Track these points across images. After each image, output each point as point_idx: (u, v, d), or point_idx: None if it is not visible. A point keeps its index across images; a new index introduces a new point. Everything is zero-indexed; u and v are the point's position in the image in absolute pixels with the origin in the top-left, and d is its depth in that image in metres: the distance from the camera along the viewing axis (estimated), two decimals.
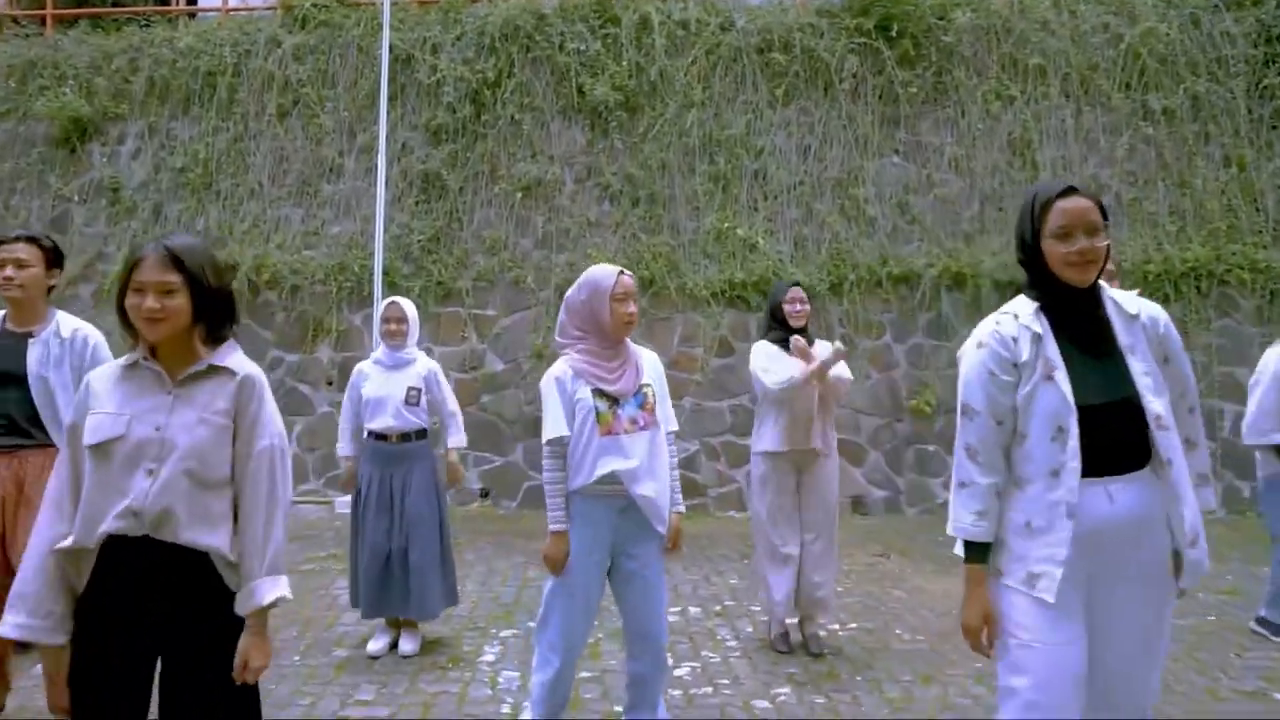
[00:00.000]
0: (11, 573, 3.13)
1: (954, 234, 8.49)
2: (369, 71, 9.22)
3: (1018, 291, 2.22)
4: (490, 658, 4.09)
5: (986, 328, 2.12)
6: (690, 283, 8.28)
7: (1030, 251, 2.09)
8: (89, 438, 1.94)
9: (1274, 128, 8.74)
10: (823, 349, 4.12)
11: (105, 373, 2.05)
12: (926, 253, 8.40)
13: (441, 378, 4.36)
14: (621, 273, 2.98)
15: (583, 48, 8.95)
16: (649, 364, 3.06)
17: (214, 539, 1.96)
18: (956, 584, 5.47)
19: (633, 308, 2.96)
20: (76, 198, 9.25)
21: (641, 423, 2.91)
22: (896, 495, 7.88)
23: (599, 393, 2.88)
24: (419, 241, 8.60)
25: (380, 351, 4.28)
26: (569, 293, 3.05)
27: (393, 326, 4.22)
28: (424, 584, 4.09)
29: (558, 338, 3.09)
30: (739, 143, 8.74)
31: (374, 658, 4.05)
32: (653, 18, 9.00)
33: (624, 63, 8.86)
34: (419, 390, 4.20)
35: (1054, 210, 2.02)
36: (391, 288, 8.39)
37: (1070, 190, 2.04)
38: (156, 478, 1.92)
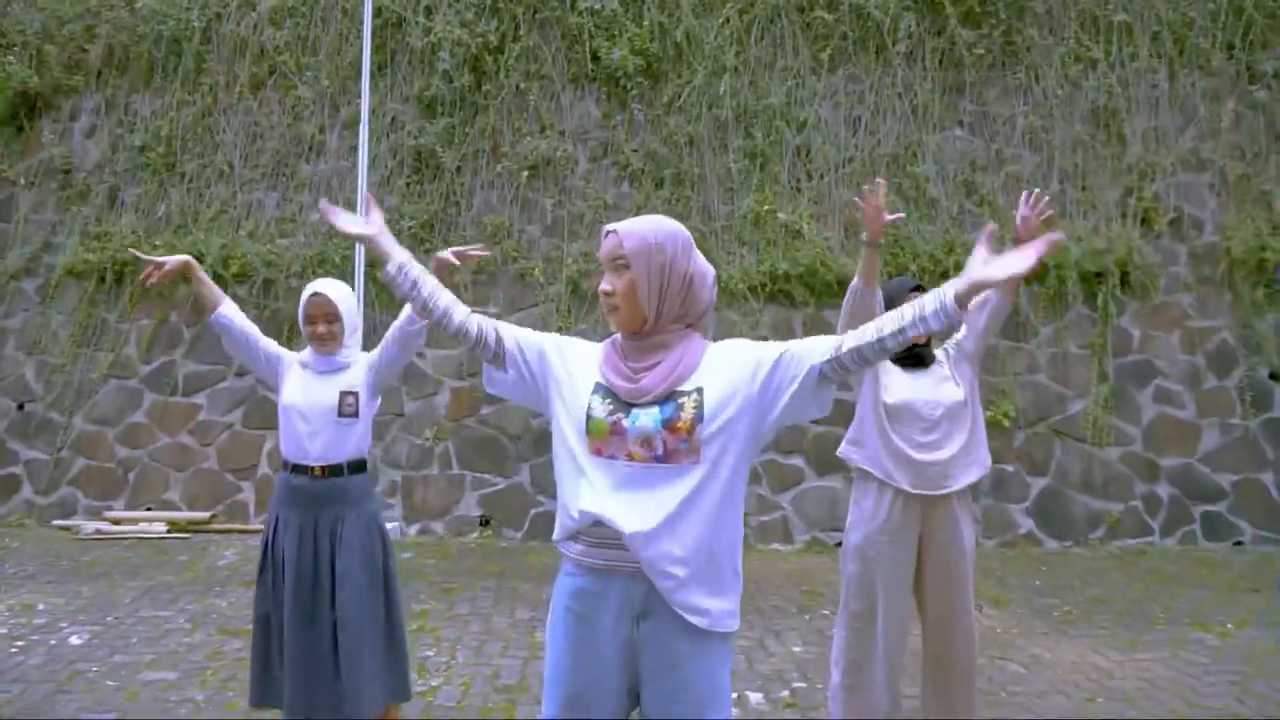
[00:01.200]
0: None
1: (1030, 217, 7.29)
2: (354, 37, 8.07)
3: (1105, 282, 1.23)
4: None
5: None
6: (725, 274, 7.11)
7: None
8: None
9: None
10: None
11: None
12: (999, 239, 7.19)
13: (378, 359, 3.04)
14: (608, 232, 1.86)
15: (598, 7, 7.77)
16: (729, 361, 1.82)
17: None
18: (1085, 651, 4.28)
19: (606, 284, 1.83)
20: (23, 180, 8.13)
21: (660, 451, 1.73)
22: (974, 525, 6.68)
23: (603, 389, 1.80)
24: (410, 228, 7.45)
25: (307, 354, 3.03)
26: None
27: (320, 329, 2.93)
28: (358, 676, 2.87)
29: None
30: (779, 114, 7.57)
31: None
32: None
33: (645, 23, 7.69)
34: (356, 396, 2.97)
35: None
36: (378, 281, 7.25)
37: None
38: None
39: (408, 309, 2.94)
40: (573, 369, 1.86)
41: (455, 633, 4.46)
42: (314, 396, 2.94)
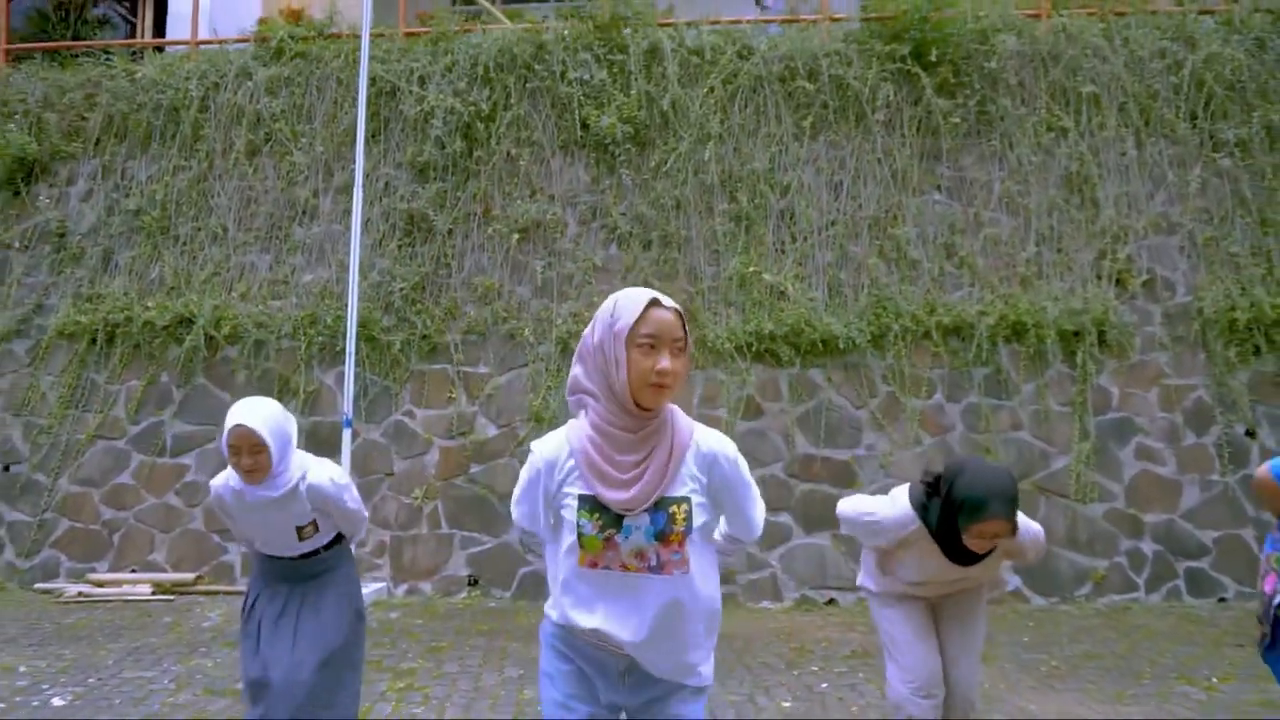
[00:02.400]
0: None
1: (1009, 278, 7.49)
2: (349, 105, 8.29)
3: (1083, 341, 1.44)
4: None
5: None
6: (711, 335, 7.24)
7: None
8: None
9: None
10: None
11: None
12: (979, 300, 7.38)
13: (332, 488, 2.94)
14: (654, 301, 1.90)
15: (587, 77, 8.05)
16: (699, 454, 1.91)
17: None
18: (1070, 705, 4.30)
19: (667, 362, 1.85)
20: (17, 244, 8.23)
21: (653, 561, 1.80)
22: None
23: (591, 502, 1.80)
24: (401, 290, 7.57)
25: (235, 480, 2.89)
26: (590, 325, 1.99)
27: (246, 461, 2.77)
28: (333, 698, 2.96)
29: (568, 394, 2.02)
30: (762, 179, 7.79)
31: None
32: (664, 45, 8.12)
33: (633, 93, 7.96)
34: (313, 524, 2.98)
35: None
36: (369, 342, 7.36)
37: None
38: None
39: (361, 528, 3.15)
40: (550, 484, 1.86)
41: (444, 690, 4.43)
42: (268, 533, 2.96)
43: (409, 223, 7.88)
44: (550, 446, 1.89)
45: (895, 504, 2.89)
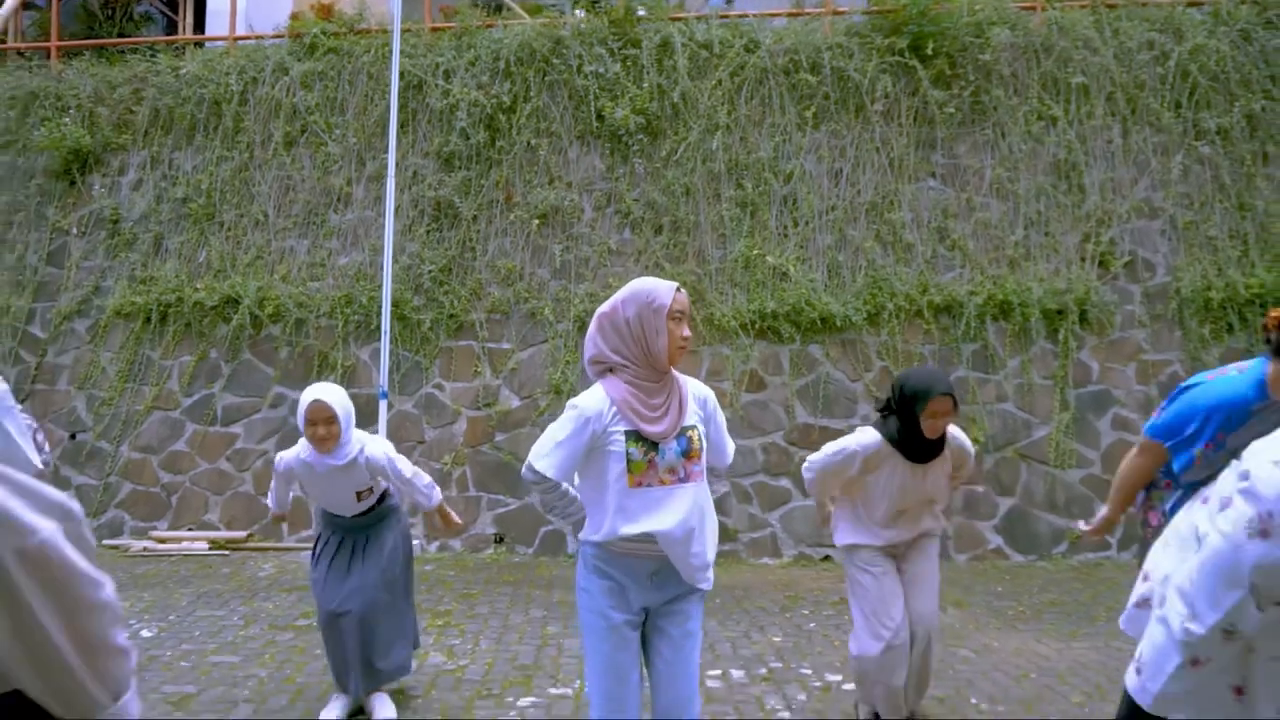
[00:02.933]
0: None
1: (998, 260, 7.98)
2: (379, 98, 8.86)
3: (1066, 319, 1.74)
4: None
5: None
6: (718, 313, 7.79)
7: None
8: None
9: None
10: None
11: None
12: (969, 280, 7.88)
13: (386, 460, 3.53)
14: (678, 288, 2.51)
15: (602, 70, 8.56)
16: (695, 397, 2.55)
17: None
18: (1028, 641, 4.87)
19: (688, 331, 2.50)
20: (75, 230, 8.88)
21: (682, 474, 2.41)
22: (944, 540, 7.26)
23: (634, 435, 2.38)
24: (430, 272, 8.16)
25: (306, 453, 3.52)
26: (607, 309, 2.54)
27: (320, 431, 3.39)
28: (388, 642, 3.61)
29: (588, 364, 2.59)
30: (767, 167, 8.30)
31: None
32: (674, 39, 8.62)
33: (645, 85, 8.47)
34: (369, 489, 3.62)
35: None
36: (401, 320, 7.95)
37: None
38: None
39: (435, 492, 3.68)
40: (599, 427, 2.41)
41: (477, 627, 5.06)
42: (331, 491, 3.57)
43: (436, 209, 8.45)
44: (594, 400, 2.43)
45: (860, 433, 3.43)
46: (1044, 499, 7.36)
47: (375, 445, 3.56)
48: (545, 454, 2.41)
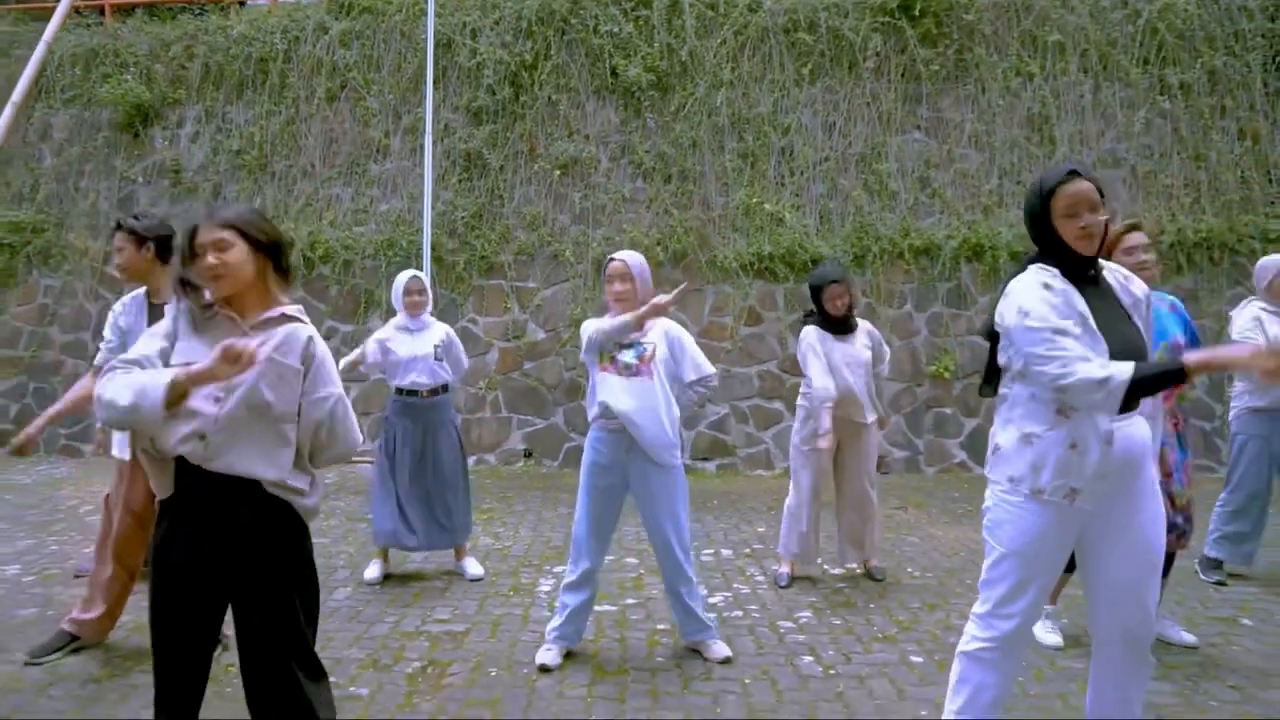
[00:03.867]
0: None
1: (973, 207, 8.84)
2: (412, 56, 9.68)
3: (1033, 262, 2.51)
4: (546, 588, 4.62)
5: (1035, 281, 2.40)
6: (720, 255, 8.71)
7: (1044, 228, 2.45)
8: (177, 358, 2.14)
9: None
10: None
11: (185, 316, 2.23)
12: (946, 225, 8.76)
13: (454, 337, 4.88)
14: (612, 258, 3.60)
15: (616, 30, 9.34)
16: (661, 329, 3.60)
17: (267, 470, 2.15)
18: (966, 532, 5.93)
19: (618, 286, 3.55)
20: (141, 179, 9.84)
21: (635, 370, 3.49)
22: (916, 455, 8.32)
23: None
24: (463, 218, 9.09)
25: (401, 318, 4.75)
26: None
27: (416, 298, 4.72)
28: (461, 512, 4.78)
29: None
30: (766, 121, 9.12)
31: (371, 584, 4.68)
32: (683, 0, 9.36)
33: (655, 44, 9.25)
34: (441, 347, 4.76)
35: (1060, 193, 2.40)
36: (438, 262, 8.91)
37: (1073, 174, 2.40)
38: (223, 406, 2.11)
39: (461, 371, 4.98)
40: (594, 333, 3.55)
41: (516, 519, 6.17)
42: (417, 349, 4.68)
43: (467, 160, 9.34)
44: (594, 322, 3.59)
45: (801, 338, 4.59)
46: None
47: (446, 326, 4.91)
48: (589, 340, 3.59)
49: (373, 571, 4.73)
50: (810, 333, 4.58)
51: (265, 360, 2.12)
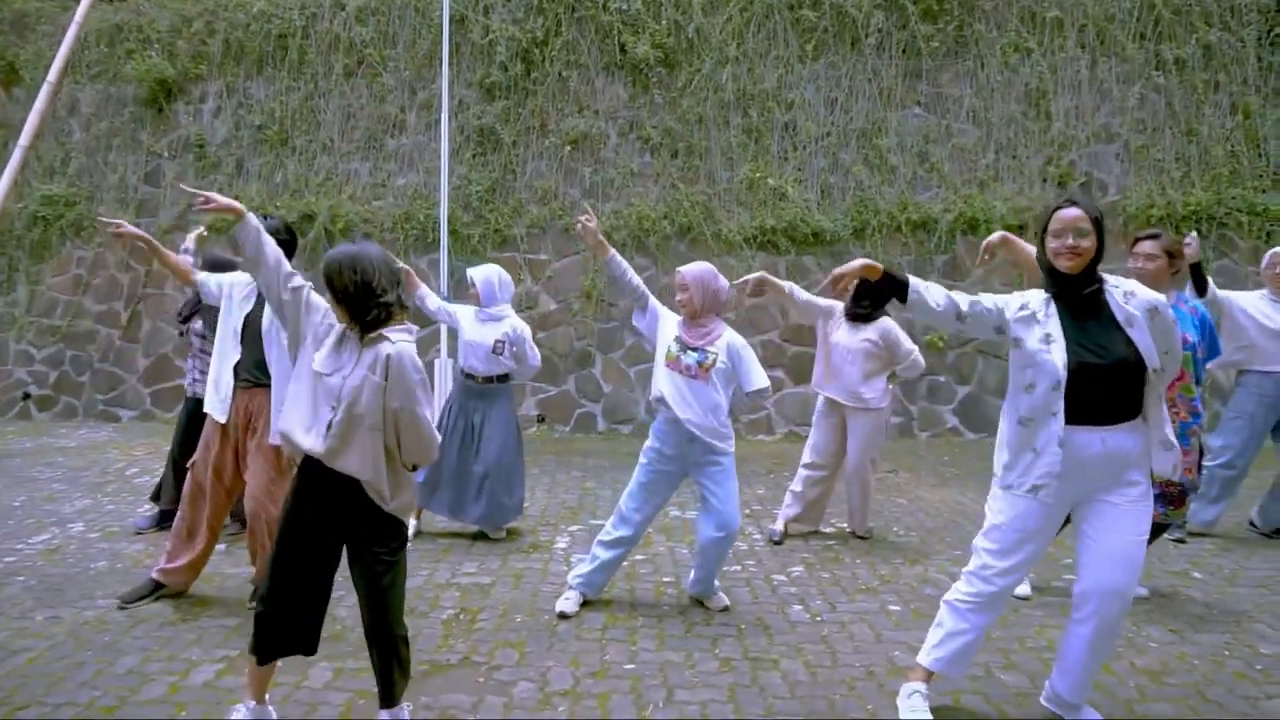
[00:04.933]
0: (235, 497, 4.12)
1: (970, 181, 9.15)
2: (426, 32, 9.96)
3: (1024, 234, 2.99)
4: (563, 545, 5.07)
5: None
6: (725, 229, 9.06)
7: (1040, 250, 2.84)
8: (318, 365, 2.68)
9: None
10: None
11: (335, 329, 2.72)
12: (943, 199, 9.08)
13: (526, 335, 5.02)
14: (679, 270, 3.90)
15: (624, 7, 9.58)
16: (725, 340, 3.89)
17: (361, 470, 2.59)
18: (952, 494, 6.37)
19: (680, 295, 3.88)
20: (166, 154, 10.19)
21: (694, 373, 3.81)
22: (910, 421, 8.73)
23: (678, 338, 3.87)
24: (477, 192, 9.44)
25: (476, 308, 5.04)
26: None
27: (472, 290, 5.00)
28: (496, 502, 5.03)
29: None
30: (770, 96, 9.41)
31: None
32: None
33: (663, 21, 9.51)
34: (504, 343, 4.99)
35: (1055, 218, 2.78)
36: (453, 235, 9.28)
37: (1070, 202, 2.79)
38: (335, 414, 2.58)
39: (537, 361, 5.17)
40: (665, 326, 3.92)
41: (532, 482, 6.62)
42: (480, 337, 4.98)
43: (480, 135, 9.66)
44: (671, 317, 3.99)
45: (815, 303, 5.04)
46: (995, 386, 8.76)
47: (520, 322, 5.08)
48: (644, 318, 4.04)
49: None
50: (837, 306, 5.11)
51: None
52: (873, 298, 2.93)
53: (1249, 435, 5.19)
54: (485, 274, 5.06)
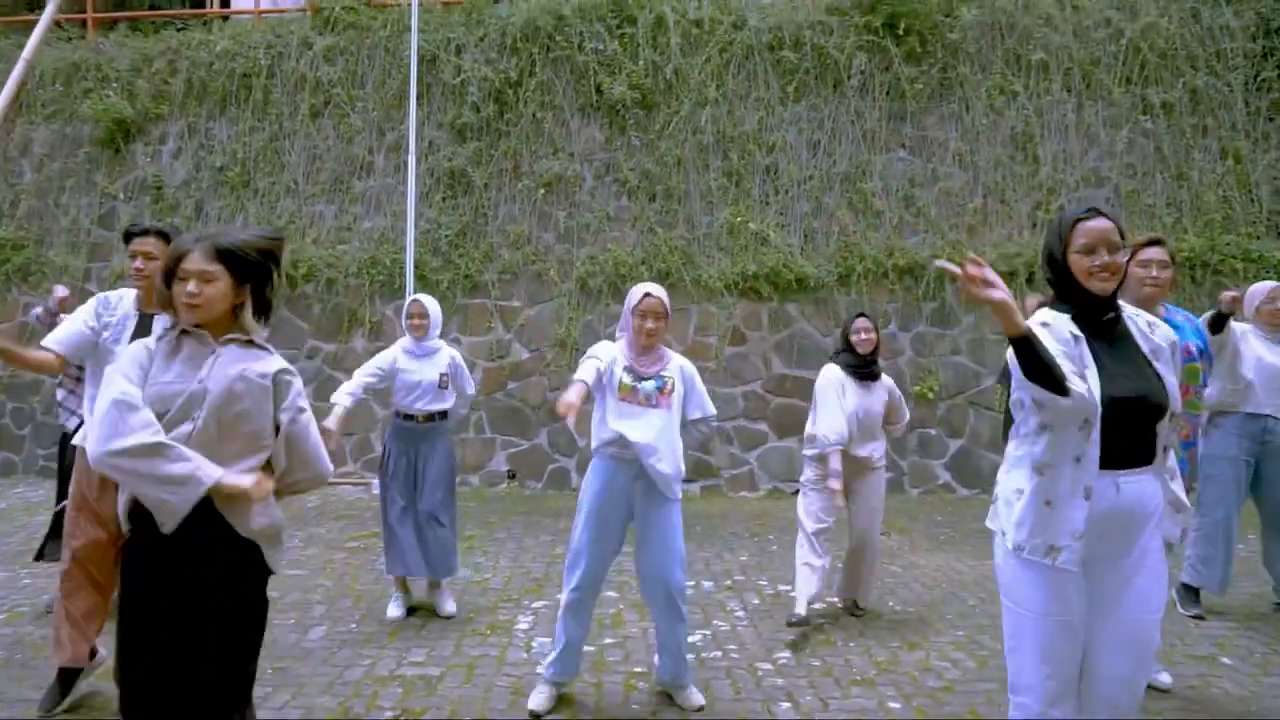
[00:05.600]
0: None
1: (957, 226, 8.85)
2: (396, 72, 9.64)
3: (1015, 281, 2.40)
4: (524, 626, 4.58)
5: (1034, 322, 2.33)
6: (705, 275, 8.69)
7: (1058, 267, 2.37)
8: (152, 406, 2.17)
9: (1270, 120, 9.02)
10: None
11: (154, 347, 2.26)
12: (931, 244, 8.77)
13: (462, 363, 4.89)
14: (647, 293, 3.49)
15: (600, 47, 9.32)
16: (677, 364, 3.60)
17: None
18: (950, 559, 5.93)
19: (651, 324, 3.46)
20: (122, 195, 9.76)
21: (654, 401, 3.47)
22: (900, 476, 8.32)
23: (628, 369, 3.48)
24: (447, 236, 9.05)
25: (407, 342, 4.76)
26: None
27: (416, 321, 4.73)
28: (444, 546, 4.66)
29: (619, 330, 3.68)
30: (751, 139, 9.12)
31: (394, 619, 4.63)
32: (668, 17, 9.35)
33: (640, 62, 9.24)
34: (448, 375, 4.74)
35: (1079, 229, 2.33)
36: (421, 280, 8.86)
37: (1095, 211, 2.35)
38: (195, 424, 2.17)
39: (470, 389, 4.94)
40: (613, 364, 3.49)
41: (497, 548, 6.13)
42: (423, 375, 4.66)
43: (451, 178, 9.30)
44: (612, 347, 3.55)
45: (823, 375, 4.53)
46: (988, 440, 8.37)
47: (455, 352, 4.88)
48: (587, 368, 3.43)
49: (395, 610, 4.70)
50: (833, 371, 4.55)
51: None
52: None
53: (1234, 478, 4.74)
54: (434, 304, 4.86)
